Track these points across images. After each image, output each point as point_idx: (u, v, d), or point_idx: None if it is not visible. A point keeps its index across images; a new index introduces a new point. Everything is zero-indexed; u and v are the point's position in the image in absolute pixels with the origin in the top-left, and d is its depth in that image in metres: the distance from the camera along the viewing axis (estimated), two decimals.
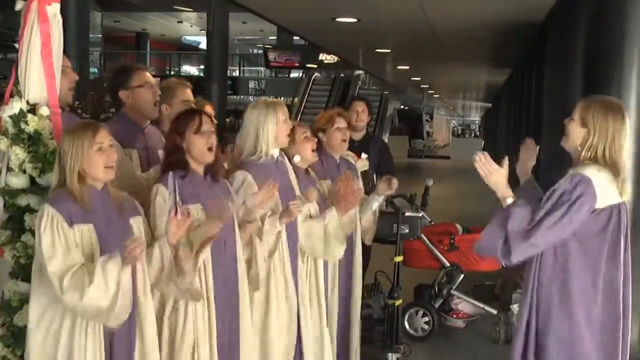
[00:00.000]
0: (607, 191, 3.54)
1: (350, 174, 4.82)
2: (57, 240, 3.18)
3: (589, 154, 3.58)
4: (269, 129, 4.27)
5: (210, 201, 3.70)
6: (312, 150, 4.67)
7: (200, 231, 3.62)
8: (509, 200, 3.60)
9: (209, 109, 4.85)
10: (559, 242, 3.55)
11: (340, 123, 5.12)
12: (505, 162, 3.65)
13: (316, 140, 4.76)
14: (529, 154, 3.98)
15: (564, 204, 3.48)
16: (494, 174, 3.63)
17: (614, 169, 3.56)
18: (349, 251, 4.99)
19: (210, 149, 3.76)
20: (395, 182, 5.24)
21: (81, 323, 3.24)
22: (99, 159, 3.29)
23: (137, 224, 3.50)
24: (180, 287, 3.51)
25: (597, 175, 3.52)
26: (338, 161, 5.20)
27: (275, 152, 4.35)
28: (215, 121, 4.01)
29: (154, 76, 4.44)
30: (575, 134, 3.63)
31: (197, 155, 3.75)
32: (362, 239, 5.23)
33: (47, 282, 3.18)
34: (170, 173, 3.70)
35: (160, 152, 4.25)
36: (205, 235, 3.60)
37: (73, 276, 3.14)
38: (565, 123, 3.69)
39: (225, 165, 4.32)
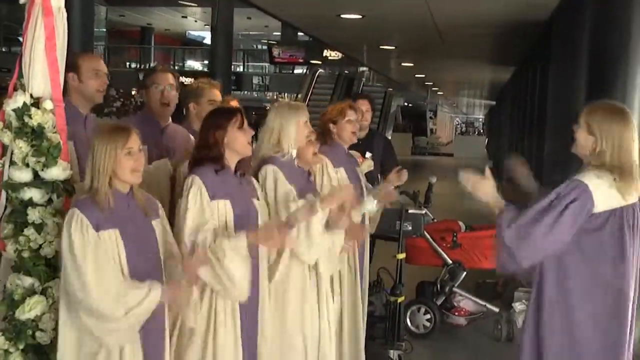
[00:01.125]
0: (606, 196, 3.56)
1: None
2: (87, 243, 3.22)
3: (598, 160, 3.62)
4: (291, 130, 4.35)
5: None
6: (314, 154, 4.69)
7: None
8: (497, 211, 3.68)
9: (235, 104, 5.00)
10: (562, 246, 3.57)
11: (351, 116, 5.21)
12: (488, 171, 3.72)
13: (318, 143, 4.80)
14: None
15: (556, 208, 3.54)
16: (480, 186, 3.71)
17: (621, 171, 3.58)
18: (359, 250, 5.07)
19: (250, 144, 3.90)
20: (404, 174, 5.35)
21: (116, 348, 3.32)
22: (127, 162, 3.34)
23: (158, 227, 3.55)
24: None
25: (595, 182, 3.56)
26: (346, 151, 5.27)
27: (294, 153, 4.42)
28: None
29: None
30: (583, 141, 3.67)
31: (239, 150, 3.86)
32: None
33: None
34: (203, 167, 3.80)
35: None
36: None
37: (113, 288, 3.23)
38: (575, 130, 3.73)
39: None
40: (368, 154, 5.98)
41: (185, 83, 5.10)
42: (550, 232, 3.52)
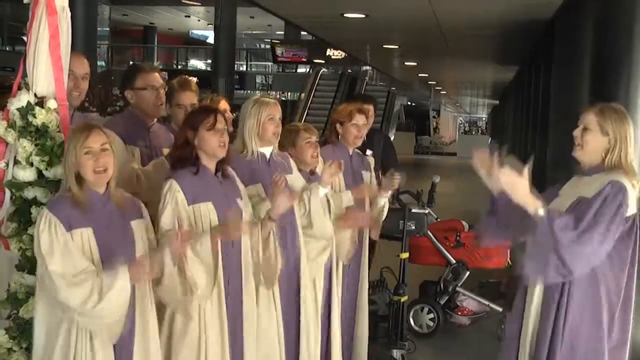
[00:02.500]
0: (633, 199, 3.49)
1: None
2: (55, 241, 3.21)
3: (613, 161, 3.53)
4: (250, 125, 4.25)
5: (226, 210, 3.73)
6: (313, 156, 4.69)
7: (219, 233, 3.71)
8: (541, 212, 3.35)
9: (223, 104, 4.95)
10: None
11: (359, 120, 5.20)
12: (525, 170, 3.36)
13: (318, 146, 4.79)
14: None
15: (606, 213, 3.39)
16: (519, 187, 3.36)
17: (631, 172, 3.52)
18: (357, 249, 5.05)
19: (222, 146, 3.80)
20: (397, 178, 5.24)
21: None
22: (87, 162, 3.29)
23: (138, 227, 3.50)
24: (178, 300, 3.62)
25: (628, 183, 3.47)
26: (350, 153, 5.27)
27: (264, 150, 4.32)
28: (232, 115, 4.04)
29: (162, 70, 4.49)
30: (596, 144, 3.56)
31: (208, 151, 3.79)
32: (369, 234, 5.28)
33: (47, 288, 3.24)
34: (182, 170, 3.76)
35: (165, 150, 4.31)
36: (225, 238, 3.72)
37: (83, 281, 3.19)
38: (577, 134, 3.63)
39: None
40: (369, 152, 6.01)
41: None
42: (605, 239, 3.38)
